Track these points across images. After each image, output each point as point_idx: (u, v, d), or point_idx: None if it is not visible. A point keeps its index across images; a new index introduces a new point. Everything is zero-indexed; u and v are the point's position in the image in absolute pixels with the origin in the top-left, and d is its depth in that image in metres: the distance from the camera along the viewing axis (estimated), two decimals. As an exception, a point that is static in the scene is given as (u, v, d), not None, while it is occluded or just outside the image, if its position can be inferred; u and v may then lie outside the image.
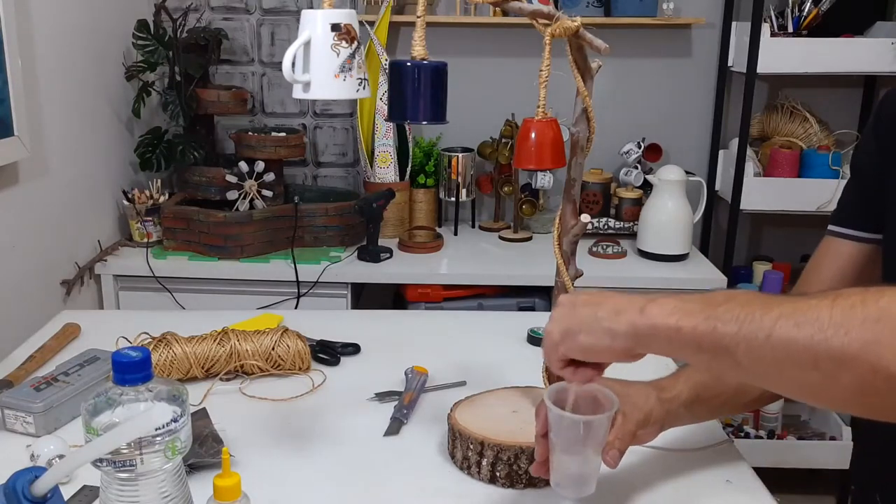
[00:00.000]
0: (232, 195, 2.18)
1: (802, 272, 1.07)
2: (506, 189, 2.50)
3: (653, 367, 0.91)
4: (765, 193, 2.34)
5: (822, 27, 2.30)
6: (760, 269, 2.48)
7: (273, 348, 1.28)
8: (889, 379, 0.59)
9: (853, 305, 0.61)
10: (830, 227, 1.03)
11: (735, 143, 2.35)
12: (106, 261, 2.11)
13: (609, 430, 0.87)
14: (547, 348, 0.82)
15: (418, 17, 0.96)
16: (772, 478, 1.13)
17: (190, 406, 0.74)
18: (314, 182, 2.66)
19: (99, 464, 0.68)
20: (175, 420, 0.70)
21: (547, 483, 0.89)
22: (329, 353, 1.36)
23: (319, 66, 0.94)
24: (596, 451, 0.86)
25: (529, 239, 2.44)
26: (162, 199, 2.24)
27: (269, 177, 2.19)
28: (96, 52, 2.13)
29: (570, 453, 0.85)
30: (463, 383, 1.27)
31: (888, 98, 0.96)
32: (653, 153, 2.49)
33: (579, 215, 1.03)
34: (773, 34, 2.27)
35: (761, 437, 2.42)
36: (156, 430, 0.68)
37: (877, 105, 0.99)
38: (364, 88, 0.98)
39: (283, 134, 2.24)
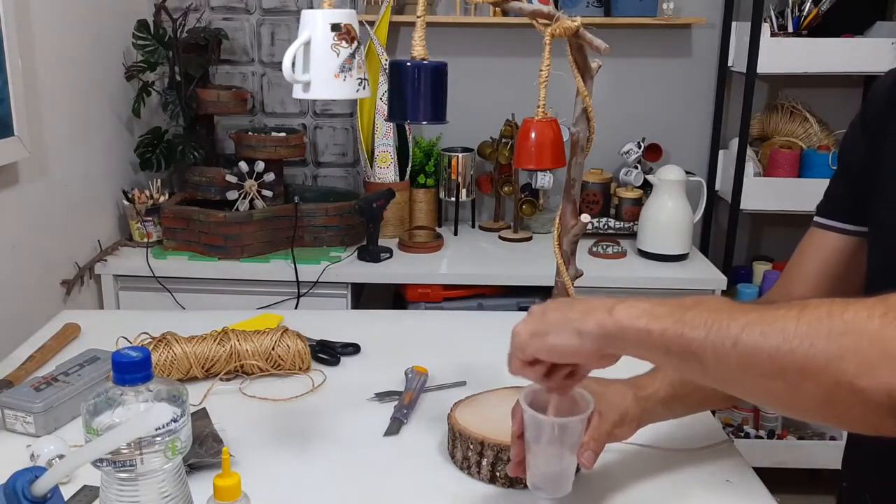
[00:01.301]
0: (232, 195, 2.18)
1: (787, 263, 1.07)
2: (506, 189, 2.50)
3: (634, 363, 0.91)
4: (765, 193, 2.34)
5: (822, 27, 2.30)
6: (760, 269, 2.48)
7: (273, 348, 1.28)
8: (852, 392, 0.60)
9: (819, 318, 0.62)
10: (816, 219, 1.03)
11: (735, 143, 2.35)
12: (106, 261, 2.11)
13: (585, 431, 0.87)
14: (513, 348, 0.81)
15: (418, 17, 0.96)
16: (772, 478, 1.13)
17: (190, 406, 0.74)
18: (314, 182, 2.66)
19: (99, 464, 0.68)
20: (175, 420, 0.70)
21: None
22: (329, 353, 1.36)
23: (319, 66, 0.94)
24: (572, 451, 0.87)
25: (529, 239, 2.44)
26: (162, 199, 2.24)
27: (269, 177, 2.19)
28: (96, 52, 2.13)
29: (545, 454, 0.86)
30: (463, 383, 1.27)
31: (876, 88, 0.96)
32: (653, 153, 2.49)
33: (579, 215, 1.03)
34: (773, 34, 2.27)
35: (761, 437, 2.42)
36: (156, 430, 0.68)
37: (867, 95, 0.98)
38: (364, 88, 0.98)
39: (283, 134, 2.24)
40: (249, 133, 2.23)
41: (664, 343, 0.70)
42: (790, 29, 2.32)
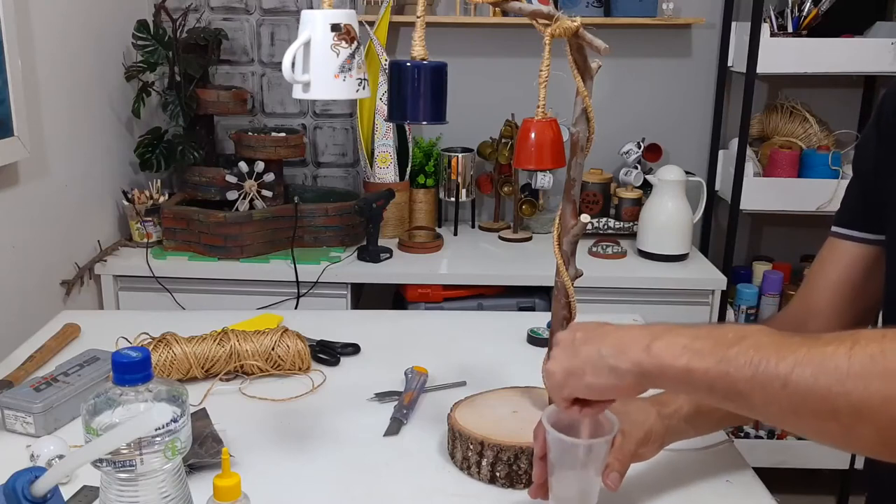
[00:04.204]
0: (232, 195, 2.18)
1: (807, 274, 1.06)
2: (506, 189, 2.50)
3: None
4: (765, 193, 2.34)
5: (821, 27, 2.30)
6: (760, 269, 2.48)
7: (273, 348, 1.28)
8: None
9: (872, 356, 0.60)
10: (834, 229, 1.01)
11: (735, 143, 2.35)
12: (106, 261, 2.11)
13: (609, 452, 0.86)
14: (551, 389, 0.81)
15: (418, 17, 0.96)
16: (772, 478, 1.13)
17: (190, 406, 0.74)
18: (314, 182, 2.66)
19: (99, 464, 0.68)
20: (175, 420, 0.70)
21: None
22: (329, 353, 1.36)
23: (319, 66, 0.94)
24: (596, 472, 0.85)
25: (529, 239, 2.44)
26: (162, 199, 2.24)
27: (269, 177, 2.19)
28: (96, 52, 2.13)
29: (570, 476, 0.85)
30: (463, 383, 1.27)
31: (889, 95, 0.94)
32: (653, 153, 2.49)
33: (579, 215, 1.02)
34: (772, 34, 2.27)
35: (761, 437, 2.42)
36: (156, 430, 0.68)
37: (878, 102, 0.97)
38: (364, 88, 0.98)
39: (283, 134, 2.24)
40: (249, 133, 2.23)
41: (707, 382, 0.68)
42: (790, 29, 2.32)
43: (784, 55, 2.24)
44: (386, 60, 2.34)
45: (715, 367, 0.67)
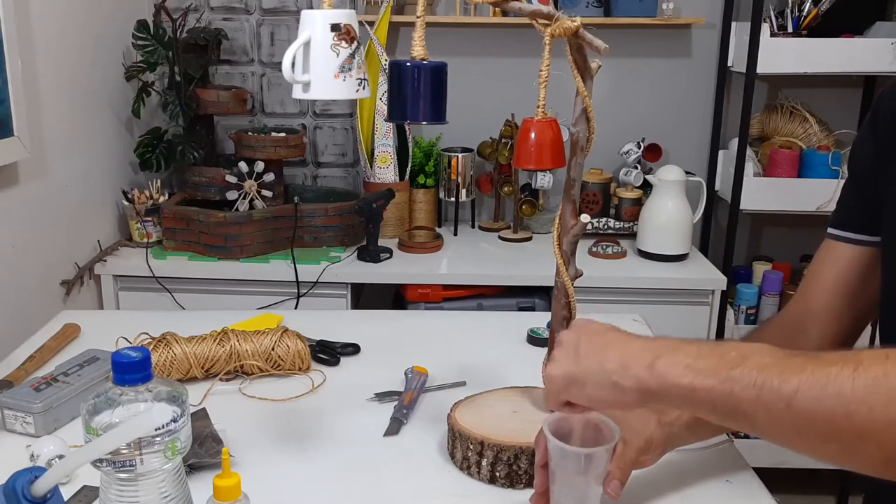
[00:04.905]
0: (232, 195, 2.18)
1: (804, 276, 1.06)
2: (506, 189, 2.50)
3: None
4: (765, 193, 2.34)
5: (821, 27, 2.30)
6: (760, 269, 2.48)
7: (273, 348, 1.28)
8: None
9: (876, 378, 0.61)
10: (829, 231, 1.01)
11: (735, 143, 2.35)
12: (106, 261, 2.11)
13: (610, 460, 0.86)
14: (549, 392, 0.81)
15: (418, 17, 0.96)
16: (772, 478, 1.13)
17: (190, 406, 0.74)
18: (314, 182, 2.66)
19: (99, 464, 0.68)
20: (175, 420, 0.70)
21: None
22: (329, 353, 1.36)
23: (319, 66, 0.94)
24: (597, 481, 0.85)
25: (529, 239, 2.44)
26: (162, 199, 2.24)
27: (269, 177, 2.19)
28: (96, 52, 2.13)
29: (570, 485, 0.85)
30: (463, 383, 1.27)
31: (885, 95, 0.94)
32: (652, 153, 2.49)
33: (579, 215, 1.02)
34: (772, 34, 2.27)
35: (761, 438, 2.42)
36: (155, 430, 0.68)
37: (874, 102, 0.96)
38: (364, 88, 0.97)
39: (283, 134, 2.24)
40: (249, 133, 2.23)
41: (710, 402, 0.68)
42: (790, 29, 2.32)
43: (784, 55, 2.24)
44: (386, 60, 2.34)
45: (718, 386, 0.68)
